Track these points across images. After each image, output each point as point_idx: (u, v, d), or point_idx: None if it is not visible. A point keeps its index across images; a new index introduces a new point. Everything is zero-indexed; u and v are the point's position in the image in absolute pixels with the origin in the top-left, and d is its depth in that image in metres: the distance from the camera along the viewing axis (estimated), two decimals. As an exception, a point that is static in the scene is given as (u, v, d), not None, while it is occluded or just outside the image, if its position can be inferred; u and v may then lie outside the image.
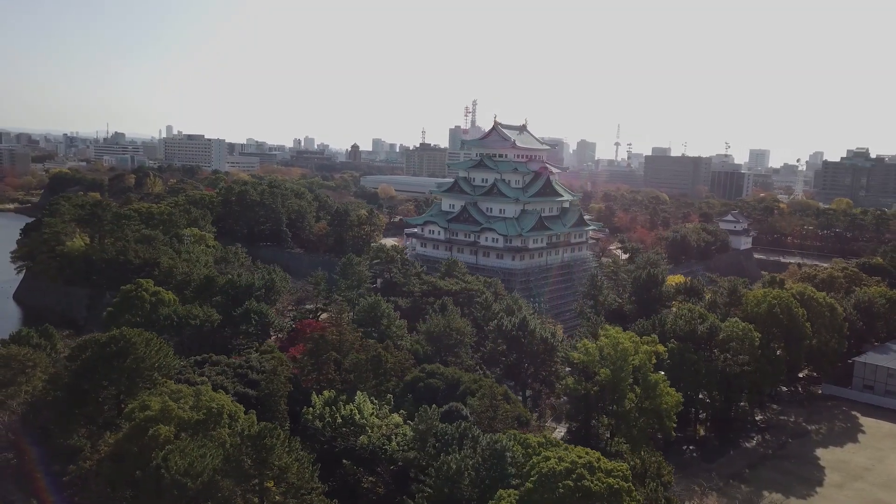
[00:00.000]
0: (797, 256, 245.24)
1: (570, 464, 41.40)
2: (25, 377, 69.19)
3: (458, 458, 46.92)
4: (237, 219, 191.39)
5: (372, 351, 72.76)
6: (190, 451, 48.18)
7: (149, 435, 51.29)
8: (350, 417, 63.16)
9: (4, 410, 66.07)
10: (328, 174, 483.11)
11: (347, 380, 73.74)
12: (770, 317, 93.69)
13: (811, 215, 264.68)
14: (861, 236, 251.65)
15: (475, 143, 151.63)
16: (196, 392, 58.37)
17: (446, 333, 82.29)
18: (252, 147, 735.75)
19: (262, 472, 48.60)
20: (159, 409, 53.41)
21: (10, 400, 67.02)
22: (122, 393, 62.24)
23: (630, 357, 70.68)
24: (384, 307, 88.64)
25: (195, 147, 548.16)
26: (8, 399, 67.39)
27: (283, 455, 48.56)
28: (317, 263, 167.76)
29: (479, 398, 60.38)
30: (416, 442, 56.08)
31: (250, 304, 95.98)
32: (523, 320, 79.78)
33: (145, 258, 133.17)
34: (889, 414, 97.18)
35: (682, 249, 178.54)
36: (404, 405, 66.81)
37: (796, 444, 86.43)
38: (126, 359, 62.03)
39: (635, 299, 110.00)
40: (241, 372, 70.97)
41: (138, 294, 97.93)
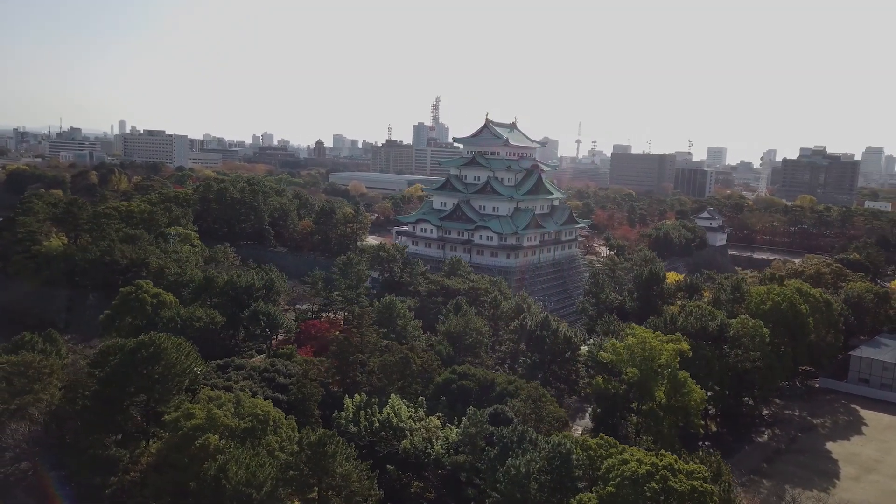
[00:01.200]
0: (767, 252, 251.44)
1: (650, 466, 41.27)
2: (41, 385, 66.48)
3: (524, 461, 46.37)
4: (216, 217, 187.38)
5: (398, 352, 71.74)
6: (248, 460, 46.76)
7: (198, 444, 49.61)
8: (388, 421, 62.14)
9: (23, 420, 63.29)
10: (294, 171, 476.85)
11: (372, 382, 72.74)
12: (776, 313, 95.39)
13: (779, 212, 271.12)
14: (827, 232, 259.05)
15: (466, 140, 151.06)
16: (236, 398, 56.70)
17: (465, 333, 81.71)
18: (213, 143, 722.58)
19: (321, 481, 47.41)
20: (205, 417, 51.70)
21: (27, 408, 64.35)
22: (152, 400, 60.12)
23: (657, 356, 71.21)
24: (399, 307, 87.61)
25: (156, 143, 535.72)
26: (23, 408, 64.73)
27: (343, 462, 47.44)
28: (302, 262, 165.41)
29: (522, 400, 59.92)
30: (464, 445, 55.37)
31: (258, 305, 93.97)
32: (545, 319, 79.69)
33: (132, 258, 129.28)
34: (886, 406, 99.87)
35: (665, 246, 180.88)
36: (438, 407, 66.03)
37: (805, 437, 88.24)
38: (156, 365, 59.94)
39: (637, 296, 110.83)
40: (269, 376, 69.34)
41: (138, 296, 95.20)
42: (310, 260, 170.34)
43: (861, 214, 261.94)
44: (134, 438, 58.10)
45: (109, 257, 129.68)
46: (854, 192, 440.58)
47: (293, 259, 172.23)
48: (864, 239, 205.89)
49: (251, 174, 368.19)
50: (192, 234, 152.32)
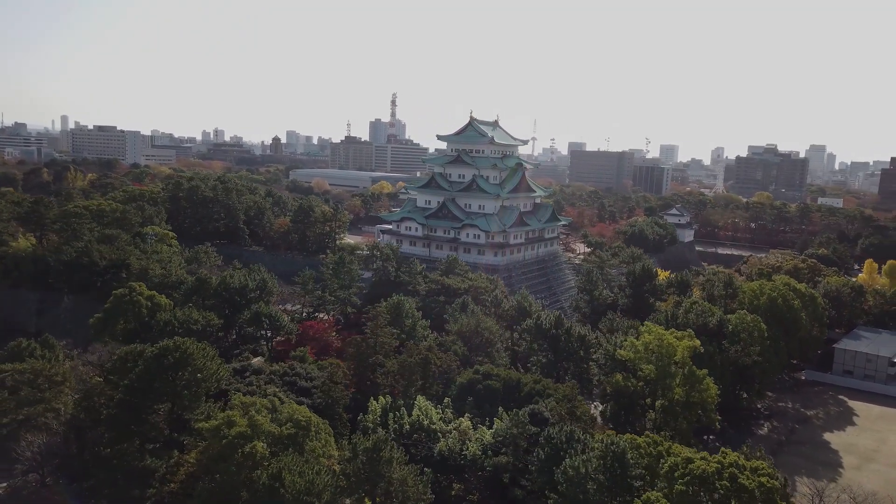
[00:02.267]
0: (731, 248, 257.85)
1: (717, 464, 41.75)
2: (52, 393, 63.87)
3: (581, 461, 46.41)
4: (188, 216, 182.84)
5: (418, 353, 71.08)
6: (301, 467, 45.67)
7: (244, 452, 48.22)
8: (418, 423, 61.50)
9: (34, 430, 60.47)
10: (252, 168, 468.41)
11: (391, 384, 71.96)
12: (772, 308, 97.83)
13: (741, 208, 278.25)
14: (787, 228, 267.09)
15: (451, 138, 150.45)
16: (271, 404, 55.33)
17: (476, 333, 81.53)
18: (164, 140, 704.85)
19: (376, 486, 46.64)
20: (246, 424, 50.29)
21: (36, 418, 61.67)
22: (179, 408, 58.22)
23: (673, 353, 72.24)
24: (408, 306, 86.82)
25: (107, 139, 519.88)
26: (32, 418, 62.01)
27: (398, 467, 46.75)
28: (280, 262, 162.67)
29: (557, 400, 60.00)
30: (505, 446, 55.17)
31: (259, 306, 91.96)
32: (559, 318, 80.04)
33: (112, 259, 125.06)
34: (871, 396, 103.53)
35: (640, 242, 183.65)
36: (466, 408, 65.62)
37: (803, 429, 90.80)
38: (182, 371, 58.08)
39: (630, 293, 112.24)
40: (290, 380, 67.90)
41: (133, 298, 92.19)
42: (288, 259, 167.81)
43: (818, 211, 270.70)
44: (163, 448, 56.09)
45: (87, 258, 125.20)
46: (804, 189, 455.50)
47: (270, 258, 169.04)
48: (827, 235, 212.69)
49: (209, 171, 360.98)
50: (169, 234, 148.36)
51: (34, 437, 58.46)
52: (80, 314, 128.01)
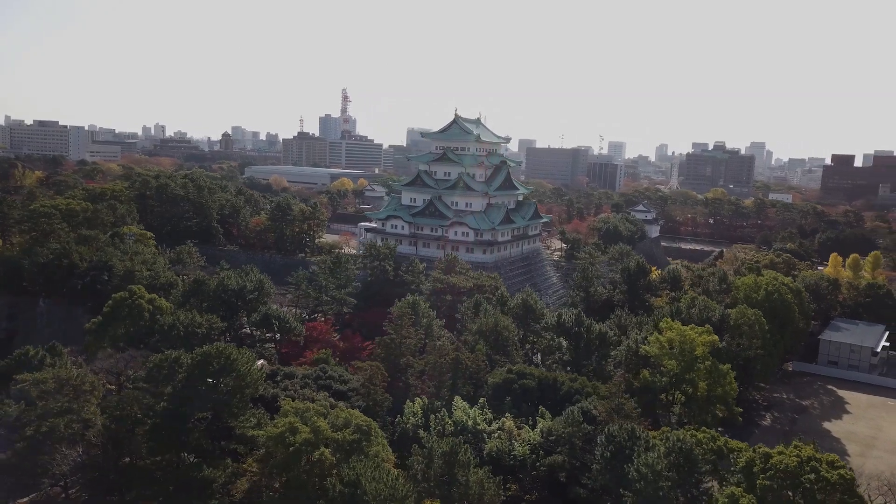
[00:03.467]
0: (693, 243, 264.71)
1: (796, 458, 42.92)
2: (79, 403, 61.18)
3: (653, 459, 47.01)
4: (157, 215, 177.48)
5: (448, 353, 70.78)
6: (380, 473, 45.00)
7: (311, 459, 47.24)
8: (462, 424, 61.27)
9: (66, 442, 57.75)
10: (204, 165, 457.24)
11: (419, 385, 71.52)
12: (767, 302, 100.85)
13: (700, 204, 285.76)
14: (744, 223, 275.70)
15: (435, 135, 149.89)
16: (323, 409, 54.27)
17: (495, 332, 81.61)
18: (108, 135, 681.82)
19: (451, 490, 46.31)
20: (310, 430, 49.25)
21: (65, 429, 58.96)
22: (224, 415, 56.44)
23: (695, 349, 73.86)
24: (423, 306, 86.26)
25: (48, 135, 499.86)
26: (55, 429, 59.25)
27: (476, 470, 46.51)
28: (257, 261, 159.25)
29: (603, 397, 60.58)
30: (560, 445, 55.45)
31: (268, 308, 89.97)
32: (579, 315, 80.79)
33: (93, 261, 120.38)
34: (856, 385, 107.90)
35: (614, 238, 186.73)
36: (504, 408, 65.63)
37: (802, 419, 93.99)
38: (227, 377, 56.42)
39: (626, 289, 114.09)
40: (324, 383, 66.74)
41: (134, 302, 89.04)
42: (265, 259, 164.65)
43: (772, 206, 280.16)
44: (213, 457, 54.34)
45: (67, 260, 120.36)
46: (751, 185, 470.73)
47: (246, 258, 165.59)
48: (789, 230, 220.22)
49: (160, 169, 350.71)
50: (147, 234, 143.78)
51: (69, 450, 55.86)
52: (58, 318, 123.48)
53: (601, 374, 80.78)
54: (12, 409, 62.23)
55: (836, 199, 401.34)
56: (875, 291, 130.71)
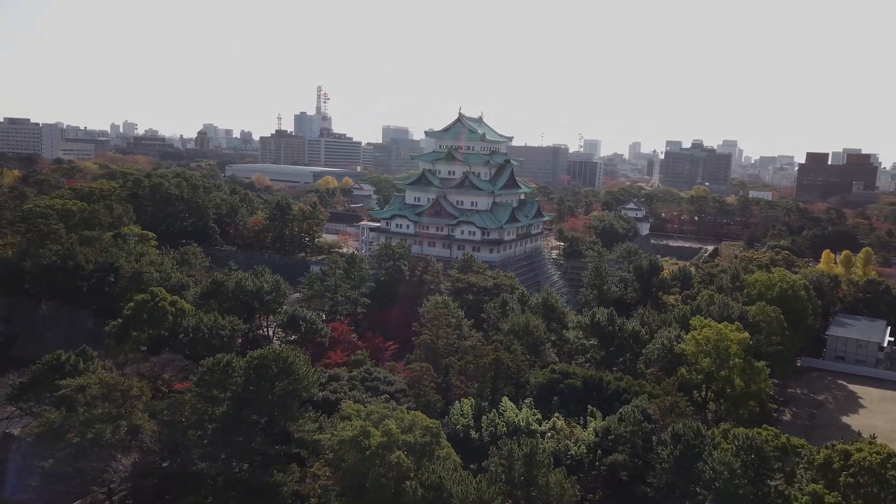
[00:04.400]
0: (681, 240, 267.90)
1: (877, 454, 43.68)
2: (127, 410, 59.93)
3: (730, 457, 47.46)
4: (151, 215, 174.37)
5: (489, 353, 70.66)
6: (462, 476, 44.80)
7: (388, 463, 46.85)
8: (514, 424, 61.24)
9: (128, 451, 56.39)
10: (183, 163, 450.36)
11: (461, 385, 71.35)
12: (781, 299, 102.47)
13: (686, 202, 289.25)
14: (729, 220, 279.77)
15: (438, 134, 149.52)
16: (385, 411, 53.82)
17: (527, 331, 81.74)
18: (79, 133, 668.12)
19: (531, 492, 46.25)
20: (381, 433, 48.82)
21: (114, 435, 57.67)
22: (283, 419, 55.67)
23: (729, 346, 74.77)
24: (452, 306, 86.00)
25: (21, 133, 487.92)
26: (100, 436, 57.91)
27: (554, 472, 46.52)
28: (256, 261, 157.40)
29: (654, 396, 60.99)
30: (622, 445, 55.70)
31: (295, 310, 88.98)
32: (612, 314, 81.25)
33: (99, 262, 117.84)
34: (864, 380, 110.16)
35: (610, 236, 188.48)
36: (552, 408, 65.70)
37: (820, 414, 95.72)
38: (285, 380, 55.69)
39: (638, 287, 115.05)
40: (371, 385, 66.16)
41: (156, 304, 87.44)
42: (264, 259, 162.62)
43: (756, 204, 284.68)
44: (278, 461, 53.51)
45: (72, 262, 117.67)
46: (728, 183, 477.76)
47: (244, 258, 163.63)
48: (779, 227, 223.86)
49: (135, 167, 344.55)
50: (148, 235, 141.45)
51: (125, 457, 54.68)
52: (61, 321, 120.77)
53: (633, 373, 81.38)
54: (54, 415, 60.85)
55: (812, 196, 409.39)
56: (874, 287, 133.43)
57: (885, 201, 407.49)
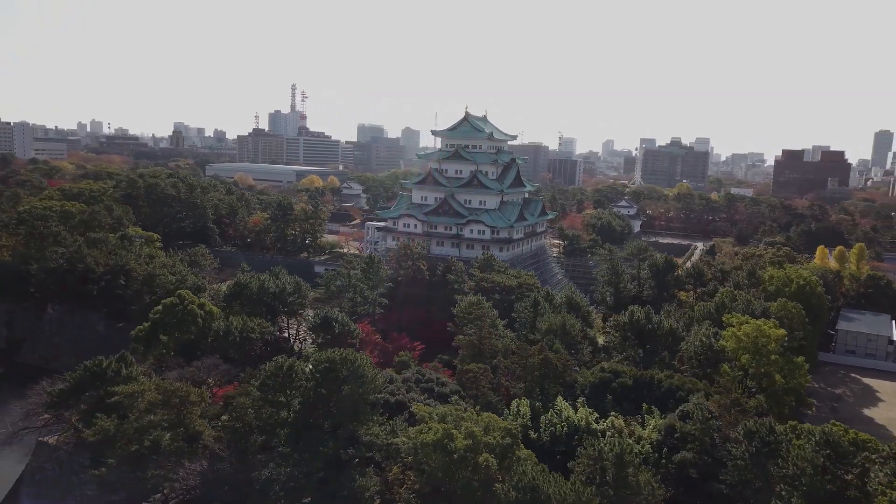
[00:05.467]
0: (668, 237, 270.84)
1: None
2: (184, 416, 58.83)
3: (810, 454, 48.00)
4: (145, 216, 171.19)
5: (535, 353, 70.65)
6: (555, 478, 44.69)
7: (477, 465, 46.57)
8: (574, 424, 61.29)
9: (195, 458, 55.21)
10: (161, 162, 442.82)
11: (508, 385, 71.25)
12: (800, 295, 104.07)
13: (674, 199, 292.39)
14: (716, 217, 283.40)
15: (445, 133, 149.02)
16: (461, 413, 53.49)
17: (564, 330, 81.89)
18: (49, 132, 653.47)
19: (620, 492, 46.33)
20: (465, 436, 48.52)
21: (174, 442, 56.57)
22: (350, 422, 54.97)
23: (768, 343, 75.74)
24: (485, 305, 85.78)
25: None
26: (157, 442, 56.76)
27: (643, 472, 46.63)
28: (258, 262, 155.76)
29: (711, 393, 61.49)
30: (691, 443, 56.04)
31: (328, 311, 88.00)
32: (649, 312, 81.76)
33: (109, 265, 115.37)
34: (877, 373, 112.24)
35: (608, 234, 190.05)
36: (607, 406, 65.90)
37: (841, 407, 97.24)
38: (354, 384, 55.03)
39: (654, 284, 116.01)
40: (426, 386, 65.72)
41: (186, 307, 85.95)
42: (267, 259, 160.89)
43: (741, 201, 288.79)
44: (347, 466, 52.84)
45: (82, 265, 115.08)
46: (705, 180, 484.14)
47: (245, 259, 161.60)
48: (770, 224, 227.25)
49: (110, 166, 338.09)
50: (154, 236, 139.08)
51: (192, 464, 53.62)
52: (70, 325, 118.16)
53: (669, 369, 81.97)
54: (108, 422, 59.55)
55: (789, 193, 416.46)
56: (876, 282, 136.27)
57: (859, 197, 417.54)
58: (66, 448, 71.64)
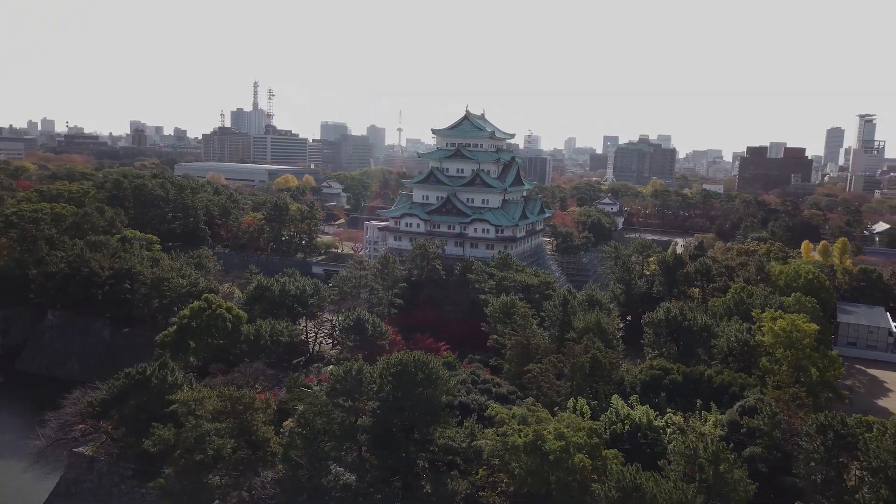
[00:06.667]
0: (648, 233, 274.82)
1: None
2: (249, 420, 57.52)
3: (891, 445, 49.13)
4: (132, 218, 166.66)
5: (584, 352, 70.93)
6: (655, 477, 44.91)
7: (574, 465, 46.54)
8: (636, 422, 61.66)
9: (267, 466, 53.94)
10: (126, 162, 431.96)
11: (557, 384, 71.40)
12: (809, 288, 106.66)
13: (651, 196, 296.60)
14: (692, 213, 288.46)
15: (446, 132, 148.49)
16: (542, 414, 53.42)
17: (598, 328, 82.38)
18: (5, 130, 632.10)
19: (719, 490, 46.76)
20: (555, 436, 48.46)
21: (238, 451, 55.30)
22: (425, 425, 54.32)
23: (804, 337, 77.41)
24: (518, 305, 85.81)
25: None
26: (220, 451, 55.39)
27: (738, 469, 47.17)
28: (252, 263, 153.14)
29: (770, 388, 62.50)
30: (759, 438, 56.85)
31: (360, 313, 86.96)
32: (682, 308, 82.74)
33: (115, 269, 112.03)
34: (879, 364, 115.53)
35: (598, 231, 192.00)
36: (658, 403, 66.43)
37: (856, 399, 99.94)
38: (427, 386, 54.43)
39: (664, 280, 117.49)
40: (484, 388, 65.39)
41: (214, 312, 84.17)
42: (262, 260, 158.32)
43: (716, 197, 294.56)
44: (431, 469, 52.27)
45: (87, 269, 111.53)
46: (673, 177, 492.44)
47: (240, 260, 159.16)
48: (751, 219, 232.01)
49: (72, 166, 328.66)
50: (153, 238, 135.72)
51: (265, 471, 52.44)
52: (73, 331, 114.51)
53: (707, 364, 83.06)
54: (166, 431, 57.93)
55: (754, 189, 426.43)
56: (868, 275, 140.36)
57: (821, 192, 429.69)
58: (105, 459, 69.53)
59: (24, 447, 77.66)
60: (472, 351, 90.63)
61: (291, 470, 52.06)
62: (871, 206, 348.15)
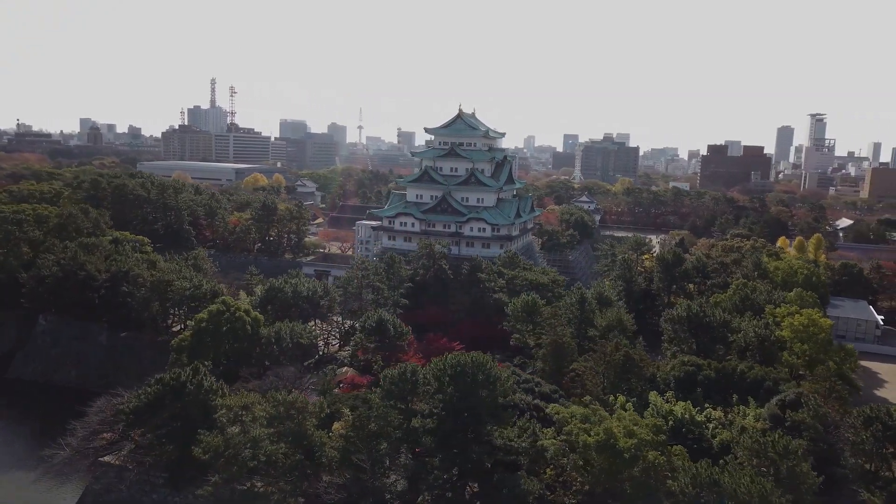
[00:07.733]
0: (622, 231, 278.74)
1: None
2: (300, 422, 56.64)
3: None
4: (114, 218, 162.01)
5: (616, 351, 71.71)
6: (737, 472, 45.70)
7: (648, 463, 47.08)
8: (679, 418, 62.62)
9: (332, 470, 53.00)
10: (84, 161, 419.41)
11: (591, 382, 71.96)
12: (808, 284, 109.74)
13: (623, 193, 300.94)
14: (664, 210, 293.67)
15: (439, 131, 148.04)
16: (603, 413, 53.84)
17: (620, 325, 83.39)
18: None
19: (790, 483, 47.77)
20: (625, 434, 48.93)
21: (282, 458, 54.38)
22: (482, 426, 54.16)
23: (821, 332, 79.69)
24: (540, 304, 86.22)
25: None
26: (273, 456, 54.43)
27: (805, 462, 48.26)
28: (241, 264, 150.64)
29: (814, 381, 64.10)
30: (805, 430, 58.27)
31: (381, 314, 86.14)
32: (702, 305, 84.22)
33: (112, 272, 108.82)
34: (869, 356, 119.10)
35: (581, 228, 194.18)
36: (694, 399, 67.49)
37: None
38: (487, 387, 54.31)
39: (663, 277, 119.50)
40: (527, 388, 65.51)
41: (233, 315, 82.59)
42: (251, 261, 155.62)
43: (686, 195, 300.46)
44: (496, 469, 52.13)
45: (83, 272, 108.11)
46: (636, 175, 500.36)
47: (227, 261, 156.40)
48: (726, 216, 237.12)
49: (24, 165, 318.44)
50: (145, 240, 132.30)
51: (327, 476, 51.69)
52: (67, 336, 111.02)
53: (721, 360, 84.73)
54: (213, 438, 56.66)
55: (716, 186, 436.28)
56: (850, 270, 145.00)
57: (780, 189, 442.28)
58: (133, 468, 67.64)
59: (33, 457, 75.31)
60: (483, 350, 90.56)
61: (354, 473, 51.38)
62: (828, 202, 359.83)
